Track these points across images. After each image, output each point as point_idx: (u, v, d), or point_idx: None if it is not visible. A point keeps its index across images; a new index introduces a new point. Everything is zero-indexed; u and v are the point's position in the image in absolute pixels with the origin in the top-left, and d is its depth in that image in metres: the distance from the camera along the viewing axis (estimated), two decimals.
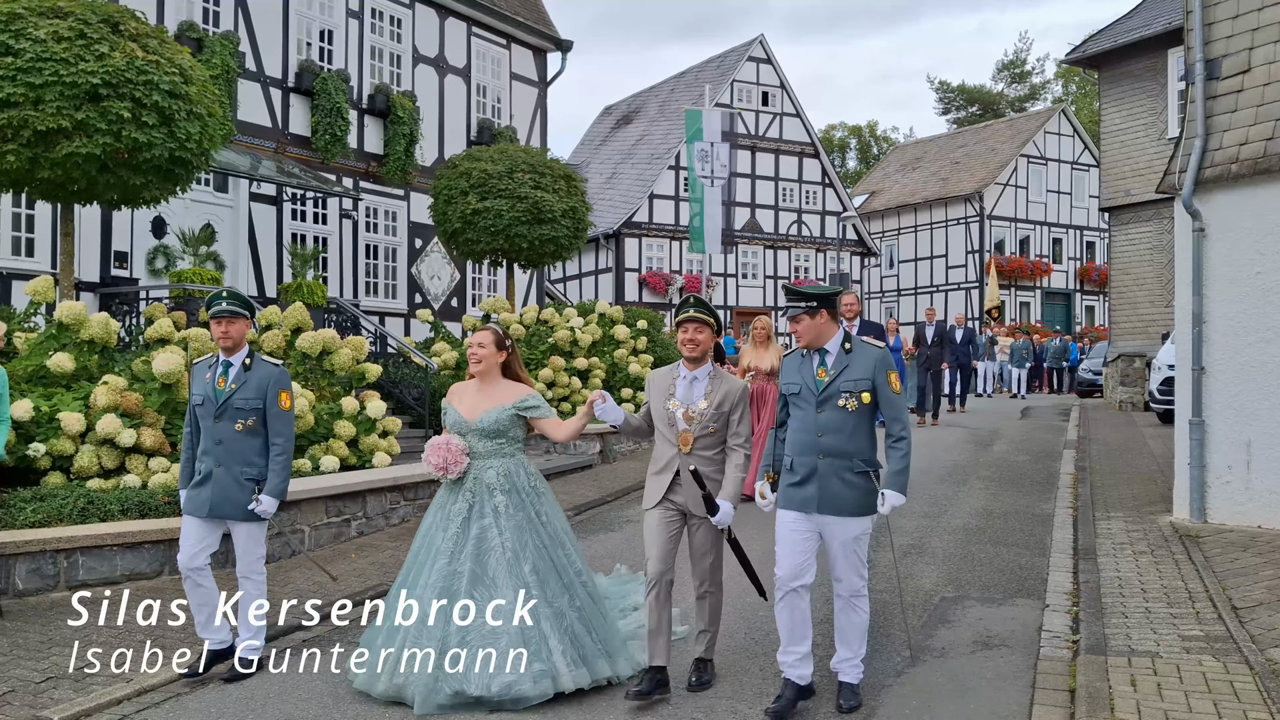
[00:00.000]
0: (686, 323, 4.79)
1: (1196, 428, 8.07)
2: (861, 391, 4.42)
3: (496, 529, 4.75)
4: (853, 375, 4.44)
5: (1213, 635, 5.18)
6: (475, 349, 4.98)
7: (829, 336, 4.53)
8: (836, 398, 4.44)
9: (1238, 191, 7.94)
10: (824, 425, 4.45)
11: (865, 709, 4.50)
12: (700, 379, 4.81)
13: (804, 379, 4.53)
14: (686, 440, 4.71)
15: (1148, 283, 19.74)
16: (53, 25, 8.66)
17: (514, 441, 4.95)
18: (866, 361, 4.48)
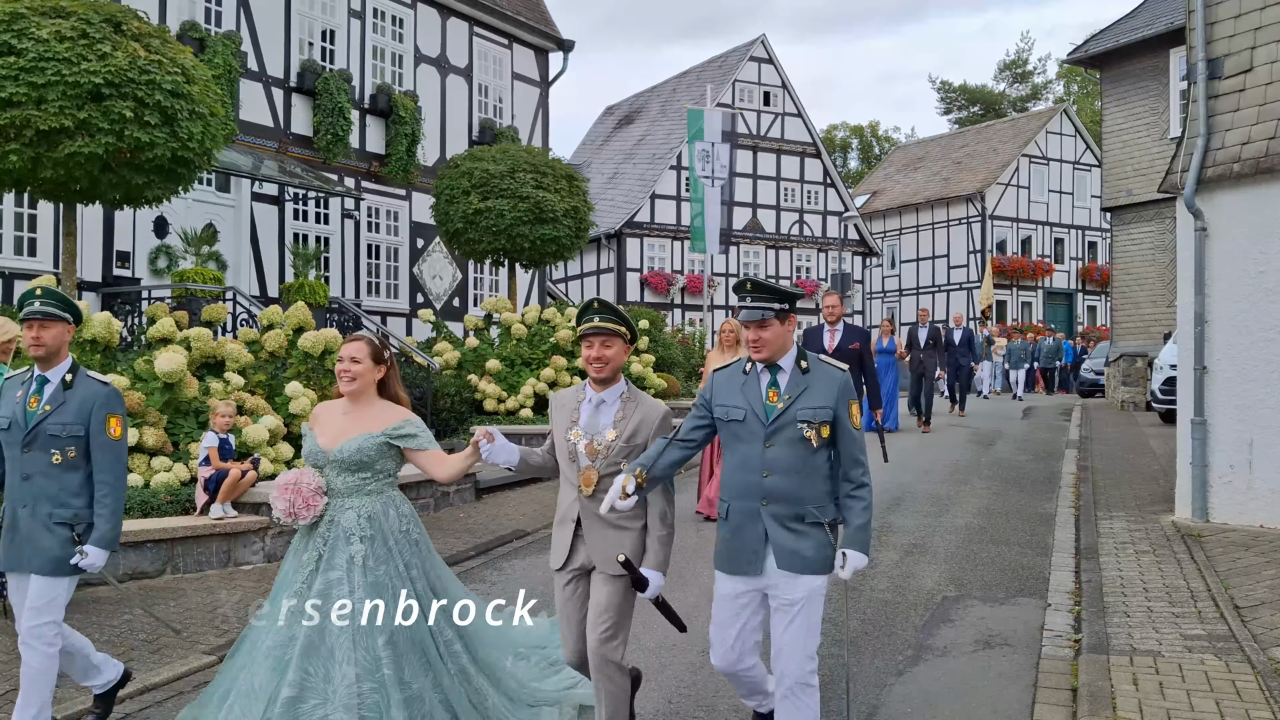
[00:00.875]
0: (590, 335, 3.85)
1: (1199, 427, 8.06)
2: (822, 423, 3.57)
3: (347, 585, 3.80)
4: (812, 401, 3.59)
5: (1215, 634, 5.18)
6: (347, 365, 4.03)
7: (786, 350, 3.67)
8: (791, 428, 3.57)
9: (1240, 191, 7.93)
10: (773, 463, 3.59)
11: (867, 707, 4.50)
12: (610, 402, 3.90)
13: (749, 402, 3.65)
14: (589, 480, 3.81)
15: (1150, 282, 19.72)
16: (55, 25, 8.66)
17: (382, 476, 4.00)
18: (828, 386, 3.62)
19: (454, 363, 14.08)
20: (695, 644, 5.39)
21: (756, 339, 3.61)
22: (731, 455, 3.71)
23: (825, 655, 5.17)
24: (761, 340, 3.61)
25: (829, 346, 8.74)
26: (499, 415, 13.53)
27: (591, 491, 3.82)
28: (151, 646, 5.48)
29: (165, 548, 6.91)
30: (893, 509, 9.16)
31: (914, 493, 9.97)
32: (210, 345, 9.24)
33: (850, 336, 8.83)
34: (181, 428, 8.39)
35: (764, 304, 3.59)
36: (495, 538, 8.28)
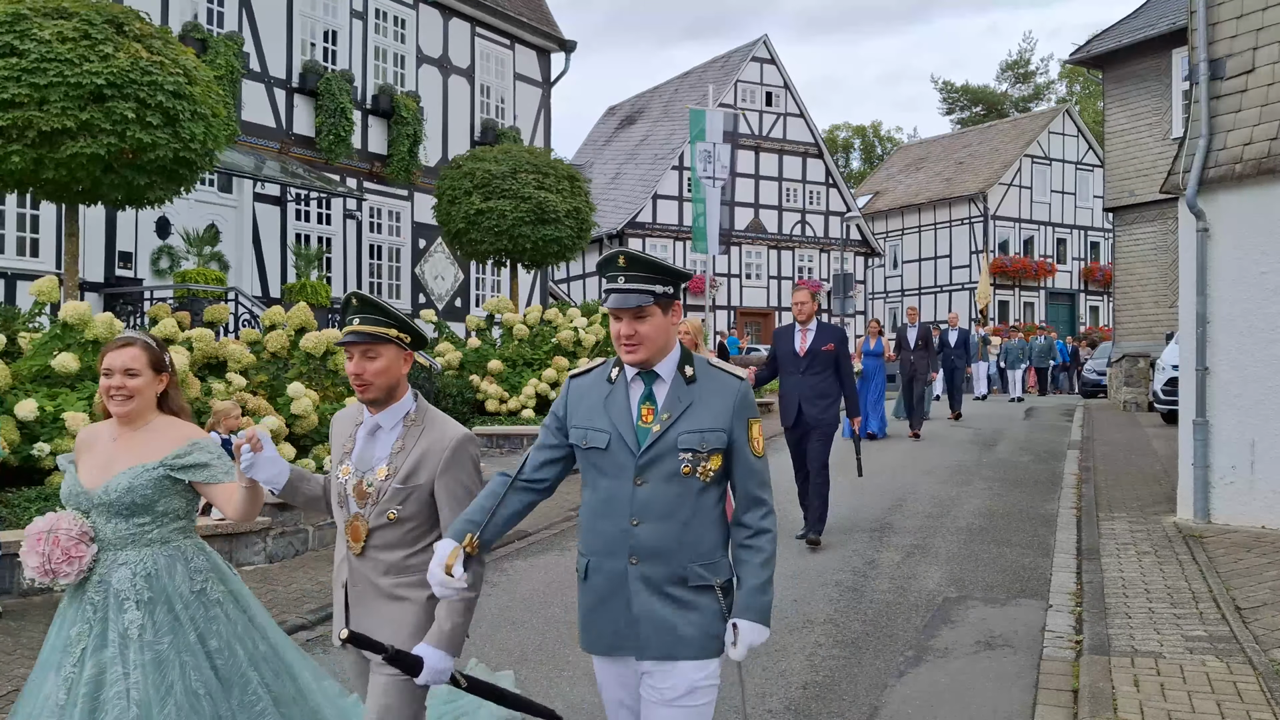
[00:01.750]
0: (348, 345, 2.83)
1: (1200, 428, 8.06)
2: (712, 451, 2.63)
3: (121, 668, 2.88)
4: (698, 422, 2.63)
5: (1216, 635, 5.18)
6: (121, 380, 3.02)
7: (667, 351, 2.70)
8: (670, 459, 2.62)
9: (1242, 191, 7.92)
10: (645, 506, 2.63)
11: (868, 708, 4.50)
12: (388, 428, 2.90)
13: (615, 423, 2.67)
14: (356, 534, 2.85)
15: (1152, 283, 19.71)
16: (57, 26, 8.67)
17: (167, 521, 3.04)
18: (721, 400, 2.67)
19: (456, 363, 14.08)
20: None
21: (631, 335, 2.61)
22: (592, 495, 2.72)
23: (827, 656, 5.18)
24: (638, 336, 2.62)
25: (800, 348, 7.87)
26: (501, 416, 13.54)
27: (360, 549, 2.85)
28: None
29: None
30: (894, 509, 9.16)
31: (915, 493, 9.96)
32: (212, 346, 9.25)
33: (824, 337, 7.88)
34: None
35: (642, 285, 2.62)
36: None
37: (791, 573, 6.92)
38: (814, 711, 4.49)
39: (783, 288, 33.79)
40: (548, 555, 7.75)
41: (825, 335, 7.92)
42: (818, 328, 7.93)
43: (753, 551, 2.67)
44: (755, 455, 2.69)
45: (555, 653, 5.32)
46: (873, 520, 8.69)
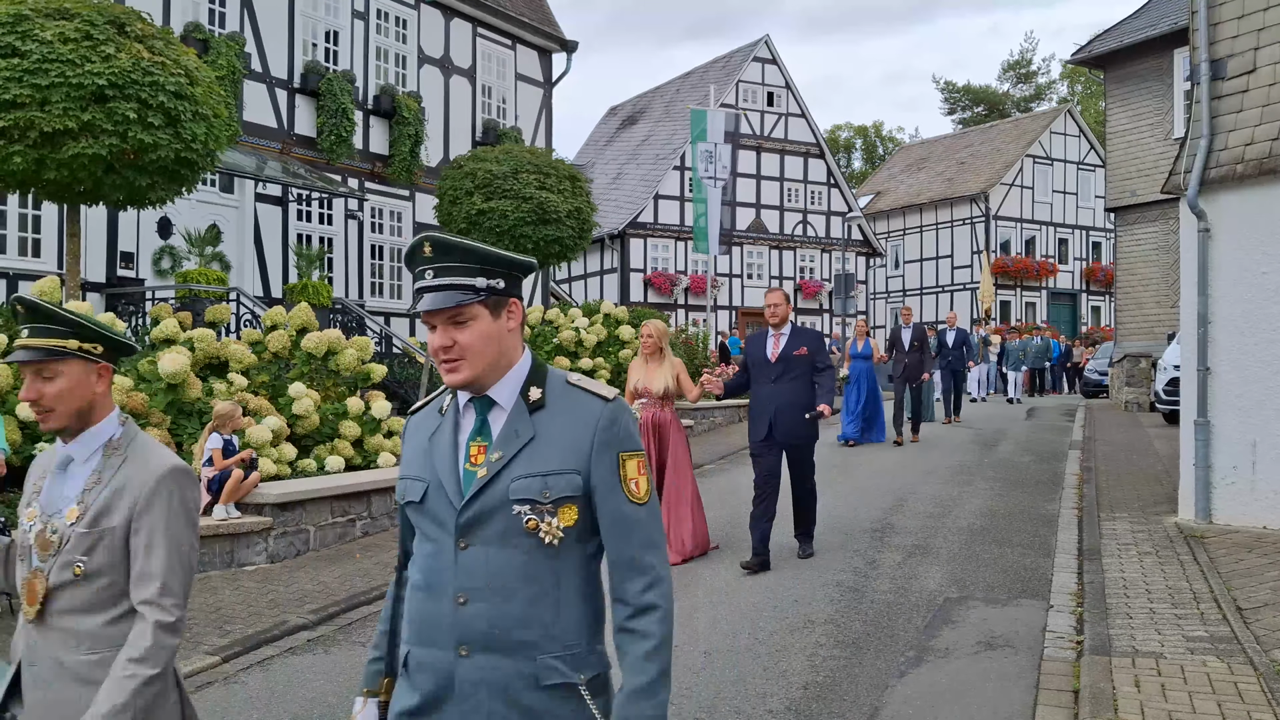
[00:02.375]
0: (21, 364, 2.24)
1: (1202, 428, 8.05)
2: (561, 501, 1.95)
3: None
4: (540, 462, 1.97)
5: (1217, 636, 5.18)
6: None
7: (505, 368, 2.02)
8: (503, 514, 1.95)
9: (1243, 192, 7.92)
10: (472, 577, 1.95)
11: (868, 708, 4.50)
12: (82, 460, 2.28)
13: (435, 468, 2.02)
14: (33, 593, 2.20)
15: (1153, 283, 19.70)
16: (59, 26, 8.69)
17: None
18: (574, 431, 1.99)
19: None
20: (696, 645, 5.40)
21: (449, 346, 1.94)
22: (418, 563, 2.04)
23: (828, 656, 5.18)
24: (458, 349, 1.94)
25: (772, 354, 7.18)
26: None
27: (37, 613, 2.18)
28: None
29: None
30: (895, 509, 9.16)
31: (917, 493, 9.96)
32: (214, 346, 9.26)
33: (797, 341, 7.16)
34: (185, 428, 8.41)
35: (459, 278, 1.94)
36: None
37: (792, 573, 6.92)
38: (814, 711, 4.49)
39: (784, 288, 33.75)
40: None
41: (799, 339, 7.22)
42: (791, 331, 7.27)
43: (634, 639, 1.93)
44: (633, 502, 1.97)
45: None
46: (874, 520, 8.69)
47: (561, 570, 1.97)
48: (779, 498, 7.18)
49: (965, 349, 17.71)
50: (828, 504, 9.46)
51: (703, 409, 15.95)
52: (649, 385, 7.44)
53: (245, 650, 5.49)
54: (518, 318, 2.04)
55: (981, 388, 23.74)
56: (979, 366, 23.28)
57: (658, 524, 2.01)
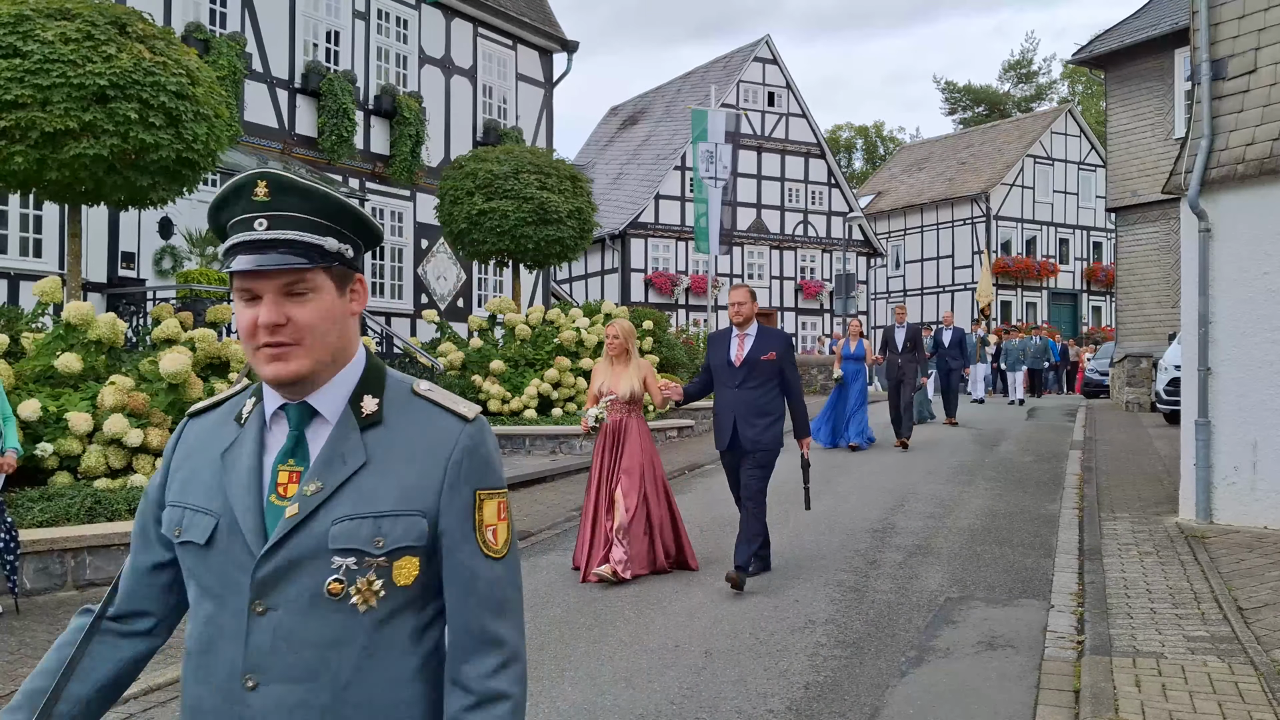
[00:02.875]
0: None
1: (1203, 428, 8.05)
2: (401, 551, 1.46)
3: None
4: (373, 499, 1.46)
5: (1218, 636, 5.18)
6: None
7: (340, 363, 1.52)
8: (314, 567, 1.44)
9: (1244, 192, 7.92)
10: (267, 654, 1.44)
11: (869, 708, 4.50)
12: None
13: (228, 497, 1.49)
14: None
15: (1154, 283, 19.70)
16: (60, 27, 8.69)
17: None
18: (422, 460, 1.50)
19: (458, 363, 14.10)
20: (698, 644, 5.40)
21: (280, 324, 1.45)
22: (190, 629, 1.53)
23: (829, 656, 5.18)
24: (293, 329, 1.45)
25: (735, 357, 6.60)
26: (503, 416, 13.55)
27: None
28: None
29: None
30: (896, 509, 9.16)
31: (917, 493, 9.97)
32: (215, 346, 9.26)
33: (765, 344, 6.57)
34: None
35: (303, 234, 1.46)
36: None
37: (793, 573, 6.92)
38: (816, 711, 4.49)
39: (785, 288, 33.80)
40: (550, 555, 7.75)
41: (766, 341, 6.62)
42: (758, 333, 6.67)
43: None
44: (488, 556, 1.50)
45: (557, 653, 5.32)
46: (875, 520, 8.69)
47: (394, 645, 1.47)
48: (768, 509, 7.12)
49: (962, 349, 17.40)
50: (828, 504, 9.46)
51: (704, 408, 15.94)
52: (614, 388, 6.94)
53: None
54: (361, 301, 1.55)
55: (979, 388, 23.39)
56: (977, 367, 22.84)
57: (515, 584, 1.55)
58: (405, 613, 1.49)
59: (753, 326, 6.74)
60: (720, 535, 8.19)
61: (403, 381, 1.57)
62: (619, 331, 7.03)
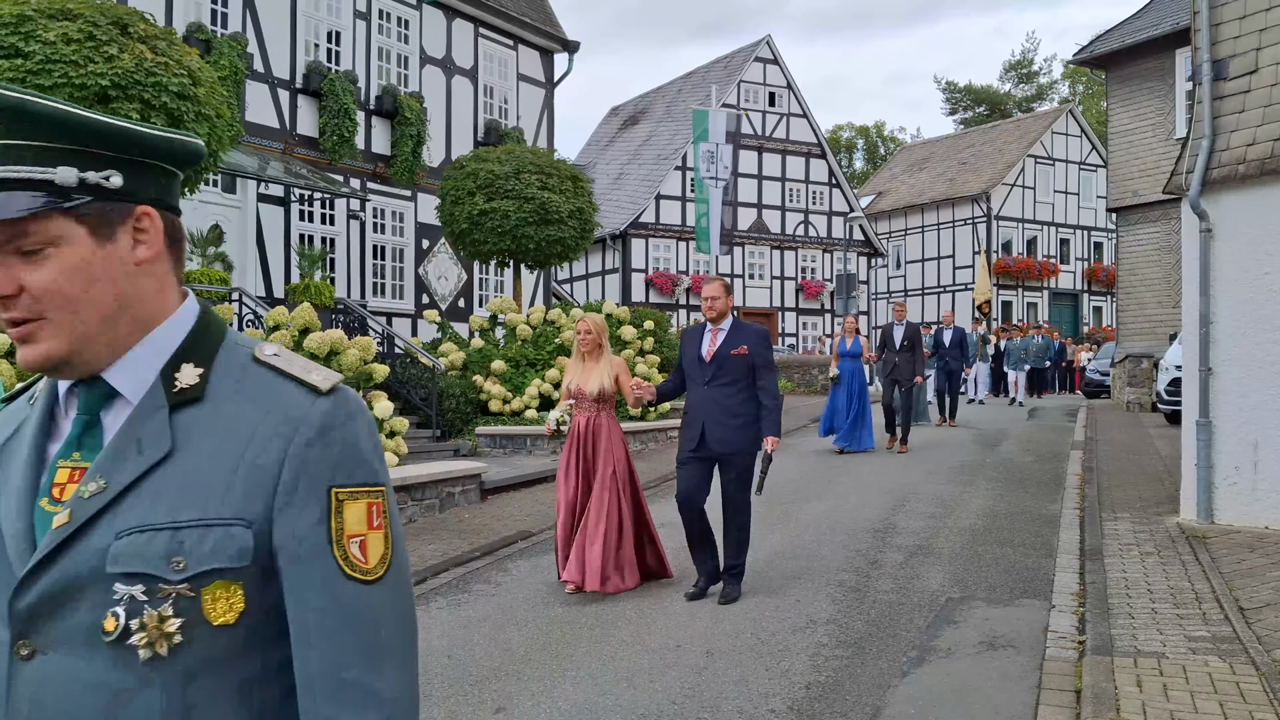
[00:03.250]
0: None
1: (1204, 429, 8.06)
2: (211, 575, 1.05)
3: None
4: (179, 499, 1.06)
5: (1219, 636, 5.18)
6: None
7: (138, 329, 1.12)
8: (94, 597, 1.04)
9: (1245, 192, 7.92)
10: (38, 708, 1.04)
11: (870, 708, 4.51)
12: None
13: (3, 520, 1.09)
14: None
15: (1155, 283, 19.70)
16: (62, 27, 8.70)
17: None
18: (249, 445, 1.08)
19: (459, 363, 14.10)
20: (699, 644, 5.40)
21: (12, 295, 1.07)
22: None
23: (830, 656, 5.19)
24: (27, 301, 1.07)
25: (706, 353, 6.23)
26: (504, 416, 13.55)
27: None
28: None
29: None
30: (897, 509, 9.17)
31: (918, 493, 9.97)
32: None
33: (737, 339, 6.21)
34: None
35: (23, 168, 1.08)
36: (500, 539, 8.29)
37: (794, 572, 6.93)
38: (817, 711, 4.49)
39: (785, 288, 33.81)
40: (551, 555, 7.75)
41: (739, 336, 6.24)
42: (731, 327, 6.29)
43: None
44: (354, 579, 1.10)
45: (559, 652, 5.33)
46: (876, 520, 8.69)
47: (209, 709, 1.08)
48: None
49: (962, 349, 16.98)
50: (829, 504, 9.47)
51: None
52: (583, 386, 6.56)
53: None
54: (157, 241, 1.14)
55: (979, 389, 22.76)
56: (977, 366, 22.17)
57: (399, 618, 1.14)
58: (224, 664, 1.08)
59: (727, 321, 6.34)
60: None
61: (243, 346, 1.17)
62: (590, 326, 6.64)
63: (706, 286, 6.39)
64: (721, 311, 6.32)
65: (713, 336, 6.30)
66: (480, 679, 4.95)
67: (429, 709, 4.56)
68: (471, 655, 5.34)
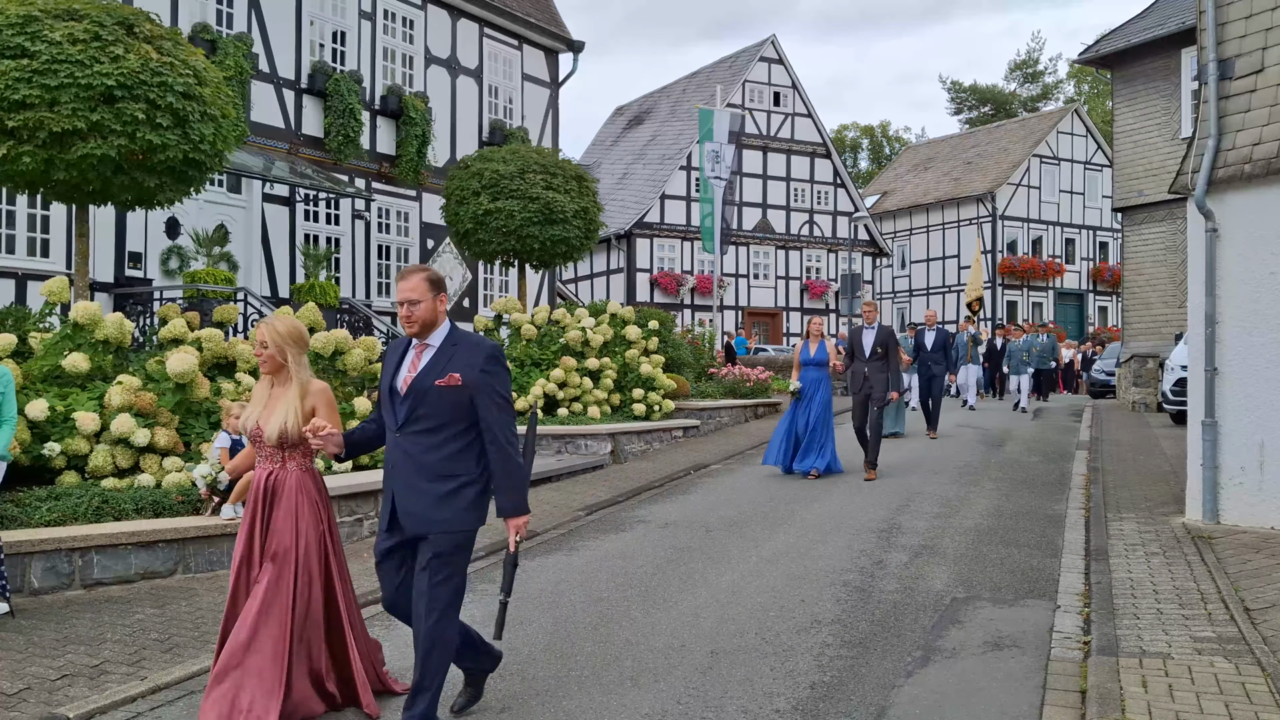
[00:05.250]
0: None
1: (1209, 429, 8.04)
2: None
3: None
4: None
5: (1225, 636, 5.17)
6: None
7: None
8: None
9: (1251, 192, 7.91)
10: None
11: (875, 709, 4.50)
12: None
13: None
14: None
15: (1161, 283, 19.67)
16: (68, 27, 8.72)
17: None
18: None
19: None
20: (703, 645, 5.40)
21: None
22: None
23: (835, 656, 5.18)
24: None
25: (403, 382, 4.17)
26: None
27: None
28: (164, 645, 5.51)
29: (177, 548, 6.95)
30: (902, 509, 9.16)
31: (923, 493, 9.96)
32: (222, 346, 9.28)
33: (448, 361, 4.14)
34: (193, 428, 8.43)
35: None
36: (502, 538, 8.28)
37: (799, 573, 6.92)
38: (822, 711, 4.49)
39: (790, 288, 33.78)
40: (556, 555, 7.76)
41: (452, 358, 4.10)
42: (442, 344, 4.15)
43: None
44: None
45: (563, 652, 5.33)
46: (880, 520, 8.69)
47: None
48: None
49: (946, 353, 15.49)
50: (833, 504, 9.46)
51: (707, 408, 15.91)
52: (263, 424, 4.42)
53: None
54: None
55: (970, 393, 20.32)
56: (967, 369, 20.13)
57: None
58: None
59: (438, 333, 4.15)
60: (726, 537, 8.20)
61: None
62: (270, 336, 4.44)
63: (402, 284, 4.13)
64: (426, 321, 4.11)
65: (416, 356, 4.15)
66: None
67: None
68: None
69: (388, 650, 5.19)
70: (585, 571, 7.17)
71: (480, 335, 4.44)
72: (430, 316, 4.14)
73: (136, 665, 5.17)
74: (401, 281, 4.16)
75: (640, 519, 9.18)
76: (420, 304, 4.11)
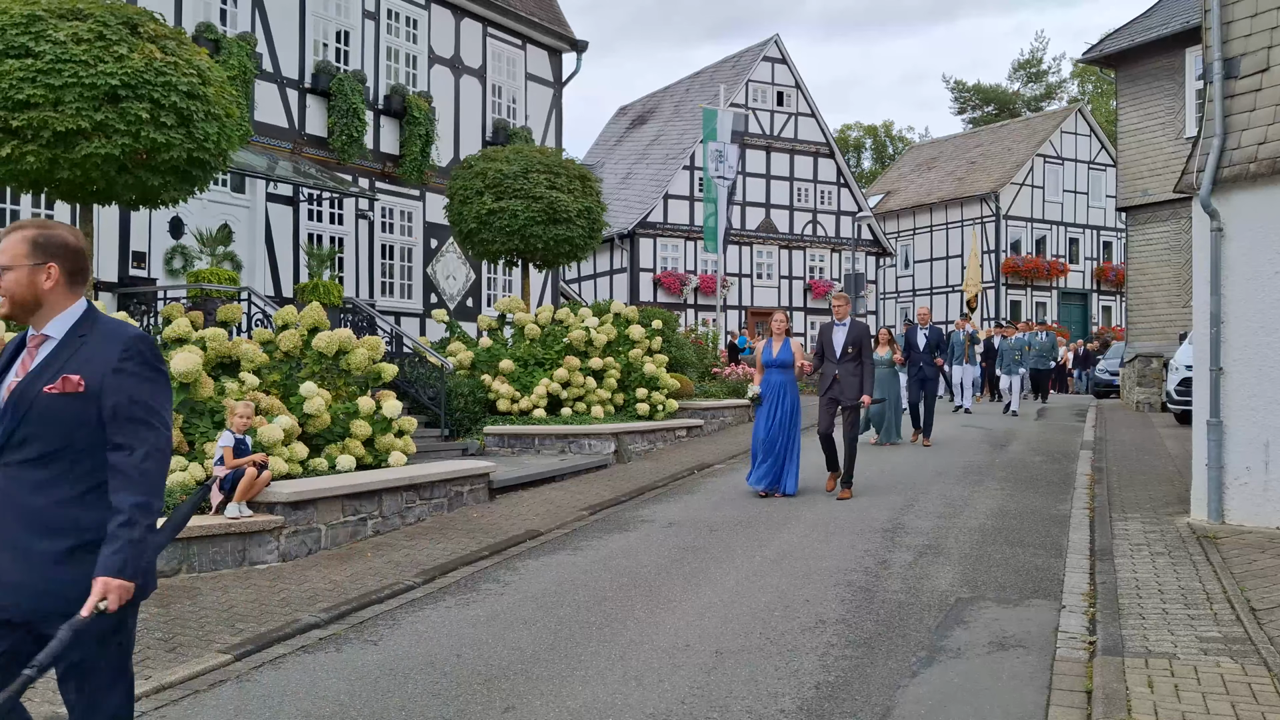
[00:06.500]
0: None
1: (1214, 428, 8.02)
2: None
3: None
4: None
5: (1230, 637, 5.16)
6: None
7: None
8: None
9: (1256, 191, 7.89)
10: None
11: (880, 708, 4.50)
12: None
13: None
14: None
15: (1165, 283, 19.63)
16: (72, 27, 8.72)
17: None
18: None
19: (467, 363, 14.11)
20: (709, 644, 5.40)
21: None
22: None
23: (840, 656, 5.18)
24: None
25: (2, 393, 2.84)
26: (512, 415, 13.55)
27: None
28: (167, 645, 5.52)
29: (181, 547, 6.95)
30: (906, 509, 9.15)
31: (927, 493, 9.94)
32: (225, 345, 9.29)
33: (58, 367, 2.79)
34: (197, 427, 8.44)
35: None
36: (508, 538, 8.30)
37: (803, 572, 6.92)
38: (827, 711, 4.48)
39: (793, 287, 33.77)
40: (559, 554, 7.76)
41: (64, 363, 2.78)
42: (53, 352, 2.82)
43: None
44: None
45: (567, 652, 5.33)
46: (884, 520, 8.68)
47: None
48: None
49: (940, 353, 14.72)
50: (836, 504, 9.45)
51: (710, 408, 15.94)
52: None
53: (257, 649, 5.51)
54: None
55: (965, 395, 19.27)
56: (963, 369, 19.13)
57: None
58: None
59: (59, 321, 2.86)
60: (730, 537, 8.19)
61: None
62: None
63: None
64: (19, 299, 2.83)
65: (28, 356, 2.87)
66: (489, 678, 4.95)
67: (438, 707, 4.56)
68: (480, 654, 5.34)
69: None
70: (589, 571, 7.17)
71: (126, 322, 2.98)
72: (26, 292, 2.81)
73: (140, 665, 5.17)
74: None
75: (644, 519, 9.18)
76: (10, 272, 2.79)
